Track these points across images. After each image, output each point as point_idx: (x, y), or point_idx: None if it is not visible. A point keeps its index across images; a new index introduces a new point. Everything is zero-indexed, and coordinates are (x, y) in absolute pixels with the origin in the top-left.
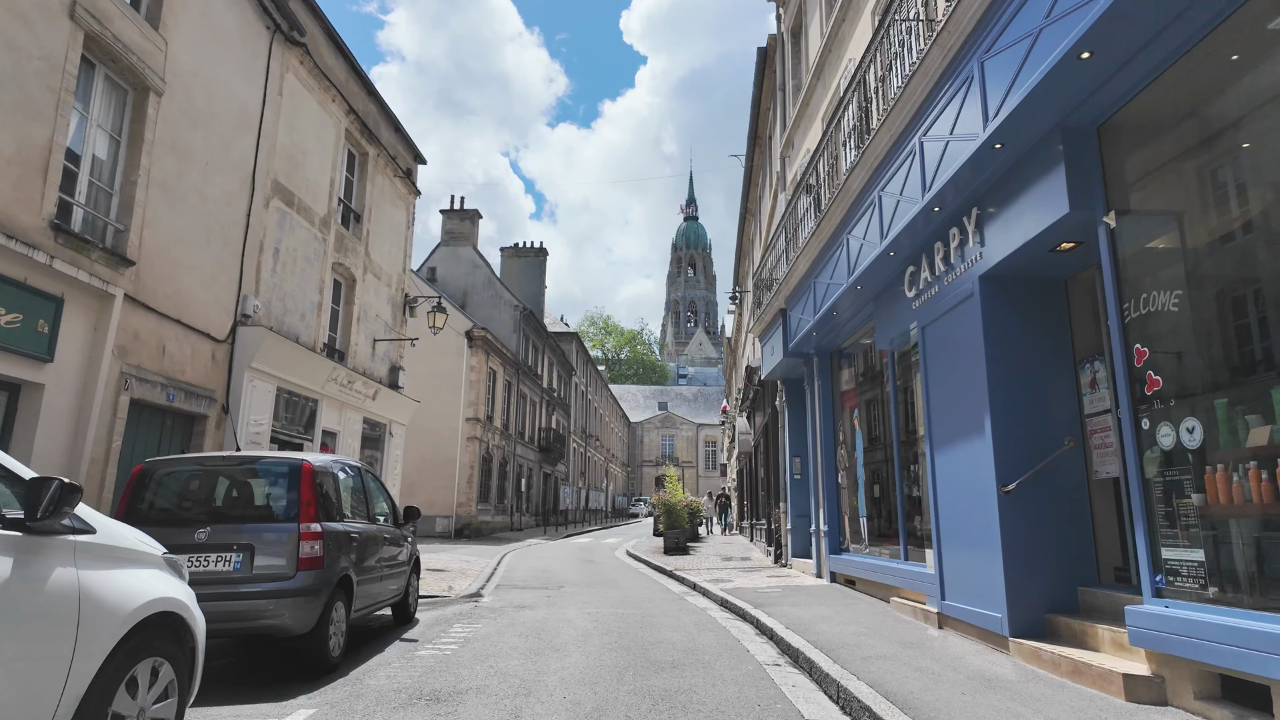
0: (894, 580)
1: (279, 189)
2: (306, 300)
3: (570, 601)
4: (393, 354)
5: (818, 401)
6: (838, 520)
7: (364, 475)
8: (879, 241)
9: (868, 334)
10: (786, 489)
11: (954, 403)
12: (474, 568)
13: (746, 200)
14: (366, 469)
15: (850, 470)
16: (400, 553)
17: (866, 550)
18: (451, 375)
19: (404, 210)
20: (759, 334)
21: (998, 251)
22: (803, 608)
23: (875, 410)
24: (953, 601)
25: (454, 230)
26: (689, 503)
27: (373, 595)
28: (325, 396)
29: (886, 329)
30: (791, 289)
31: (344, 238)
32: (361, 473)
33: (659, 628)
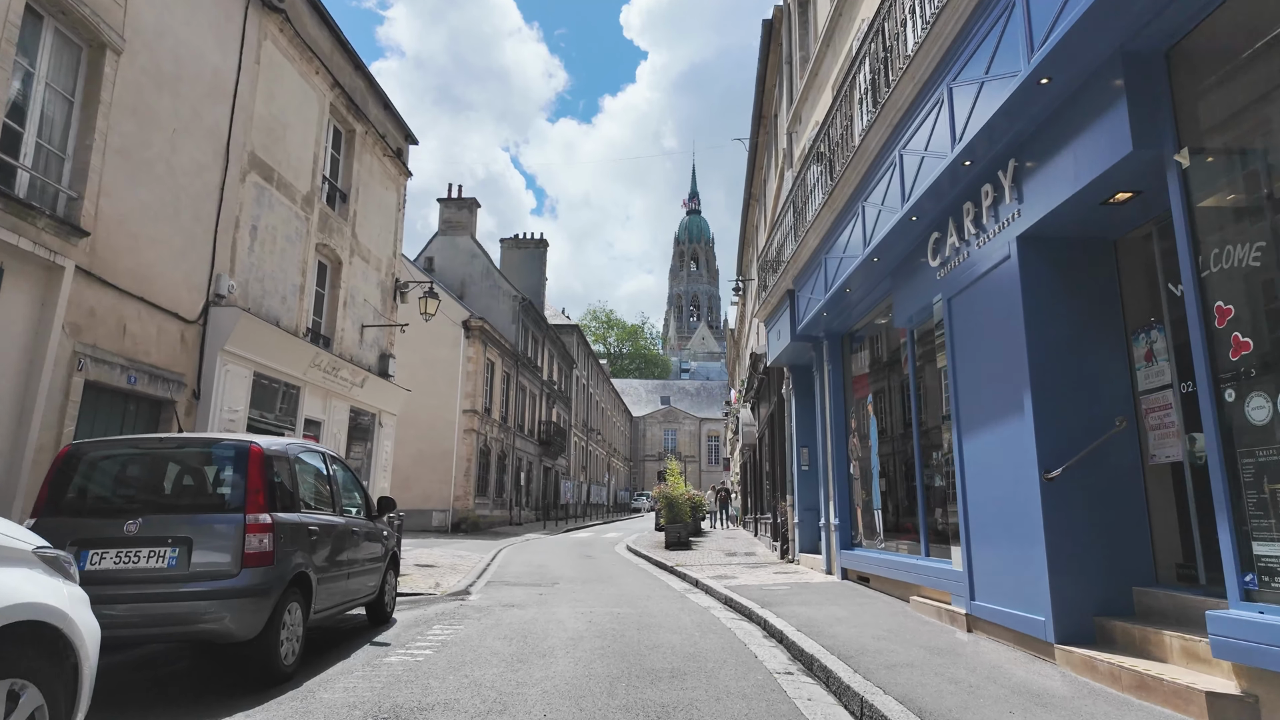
0: (914, 578)
1: (256, 163)
2: (287, 282)
3: (563, 600)
4: (383, 341)
5: (828, 388)
6: (849, 513)
7: (330, 462)
8: (899, 206)
9: (883, 313)
10: (793, 481)
11: (987, 381)
12: (466, 563)
13: (750, 185)
14: (334, 456)
15: (863, 460)
16: (374, 548)
17: (882, 545)
18: (448, 366)
19: (394, 192)
20: (764, 318)
21: (1039, 208)
22: (814, 607)
23: (892, 395)
24: (984, 602)
25: (452, 219)
26: (691, 496)
27: (339, 595)
28: (308, 383)
29: (905, 305)
30: (800, 268)
31: (329, 218)
32: (327, 459)
33: (657, 629)
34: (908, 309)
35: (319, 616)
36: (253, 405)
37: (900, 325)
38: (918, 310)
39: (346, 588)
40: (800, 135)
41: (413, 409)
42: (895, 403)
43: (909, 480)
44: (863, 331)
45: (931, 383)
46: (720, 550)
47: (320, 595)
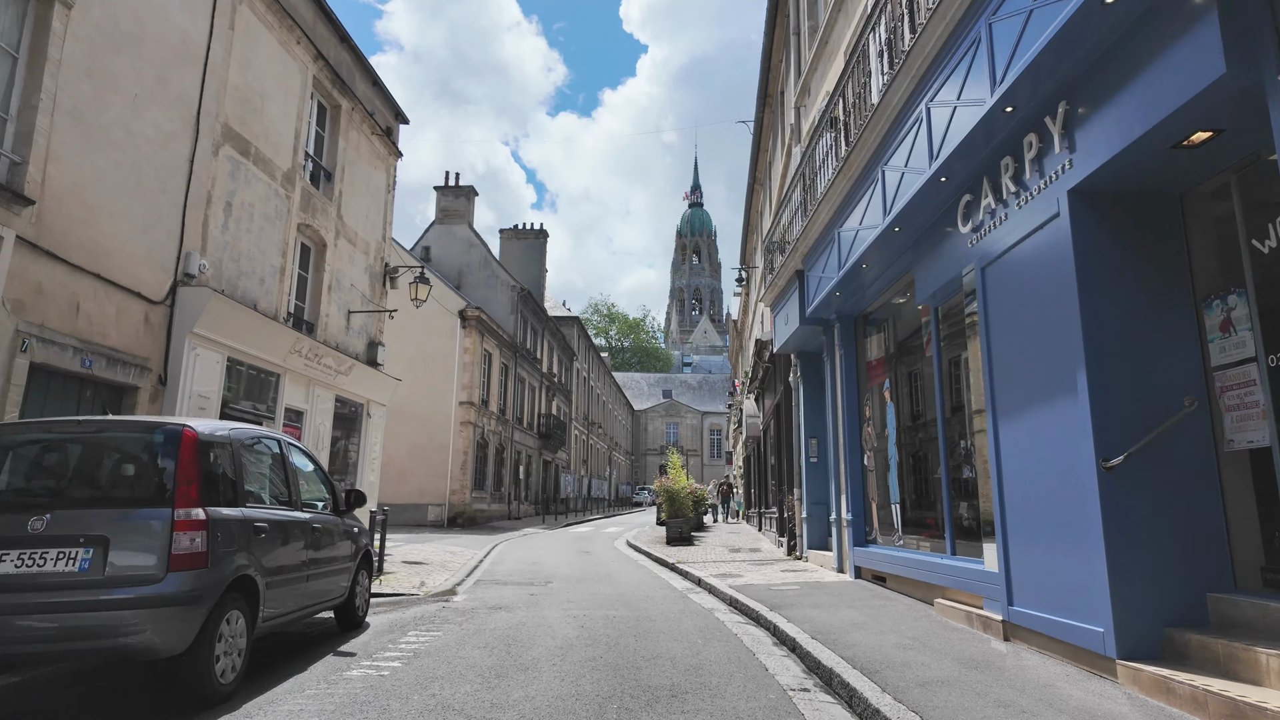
0: (938, 578)
1: (231, 135)
2: (266, 263)
3: (555, 601)
4: (371, 328)
5: (840, 374)
6: (864, 508)
7: (287, 450)
8: (926, 167)
9: (901, 291)
10: (801, 474)
11: (1030, 359)
12: (457, 560)
13: (754, 169)
14: (293, 444)
15: (880, 451)
16: (341, 546)
17: (900, 542)
18: (444, 357)
19: (383, 172)
20: (771, 302)
21: (1095, 157)
22: (828, 610)
23: (912, 380)
24: (1025, 608)
25: (449, 207)
26: (693, 490)
27: (295, 599)
28: (289, 370)
29: (930, 279)
30: (810, 245)
31: (312, 197)
32: (284, 446)
33: (657, 636)
34: (932, 284)
35: (270, 625)
36: (227, 392)
37: (923, 303)
38: (944, 284)
39: (306, 591)
40: (809, 108)
41: (408, 401)
42: (915, 388)
43: (931, 472)
44: (878, 313)
45: (958, 365)
46: (724, 546)
47: (270, 601)
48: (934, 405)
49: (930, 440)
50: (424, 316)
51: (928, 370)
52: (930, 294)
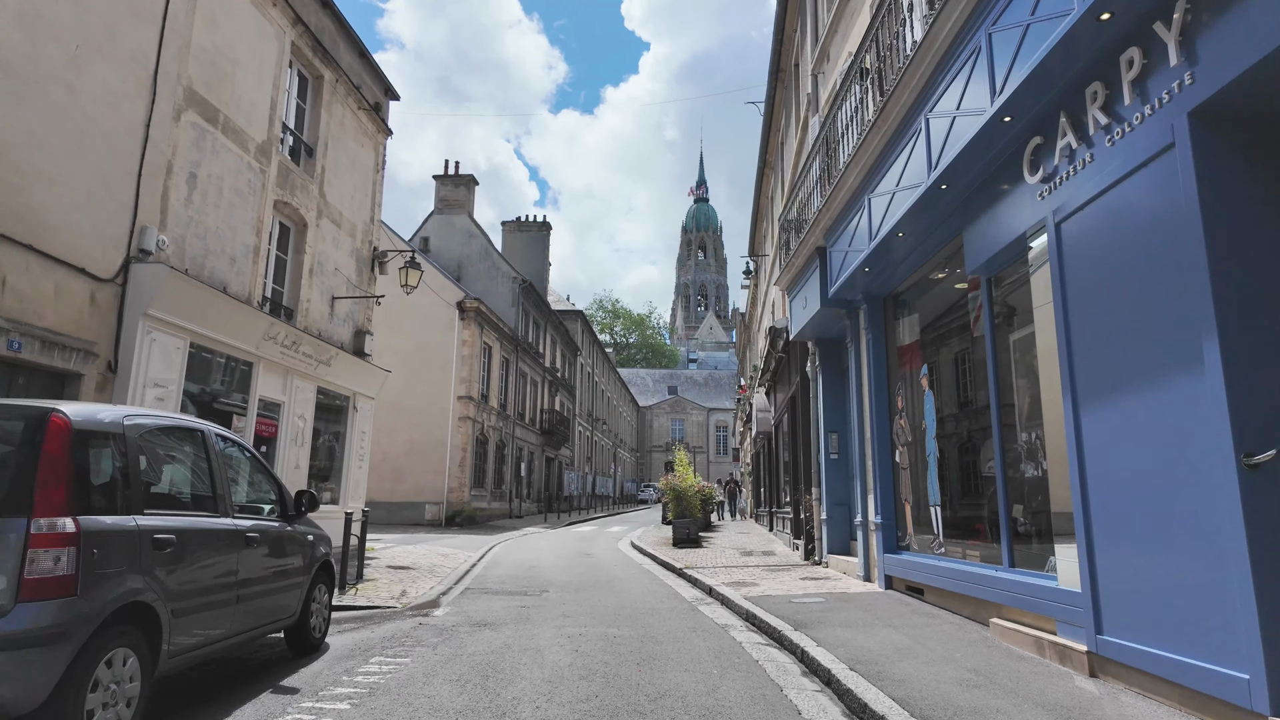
0: (994, 595)
1: (195, 100)
2: (238, 242)
3: (549, 616)
4: (358, 316)
5: (867, 361)
6: (895, 510)
7: (215, 443)
8: (985, 106)
9: (942, 264)
10: (820, 471)
11: (1127, 330)
12: (448, 564)
13: (765, 151)
14: (224, 434)
15: (915, 446)
16: (289, 559)
17: (941, 550)
18: (441, 350)
19: (371, 150)
20: (787, 285)
21: (1226, 68)
22: (863, 630)
23: (956, 365)
24: (1120, 638)
25: (448, 197)
26: (701, 488)
27: (220, 626)
28: (263, 359)
29: (983, 244)
30: (834, 217)
31: (291, 173)
32: (209, 439)
33: (664, 664)
34: (985, 249)
35: (182, 660)
36: (191, 381)
37: (973, 273)
38: (1001, 249)
39: (238, 614)
40: (828, 75)
41: (404, 396)
42: (960, 373)
43: (981, 469)
44: (911, 291)
45: (1017, 345)
46: (734, 549)
47: (180, 631)
48: (986, 391)
49: (981, 432)
50: (420, 307)
51: (977, 352)
52: (983, 262)
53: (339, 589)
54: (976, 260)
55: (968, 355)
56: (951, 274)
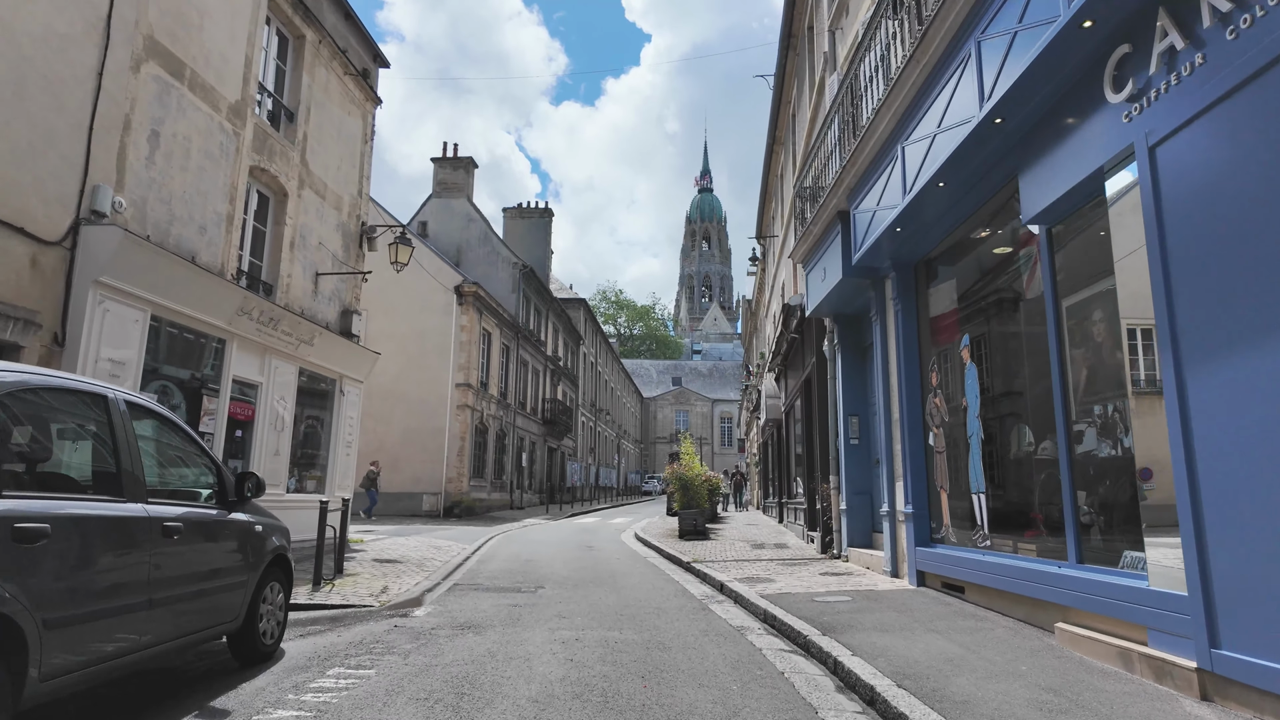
0: (1058, 595)
1: (158, 51)
2: (208, 209)
3: (543, 617)
4: (345, 295)
5: (895, 335)
6: (928, 498)
7: (118, 410)
8: (1057, 13)
9: (987, 219)
10: (839, 458)
11: (1250, 272)
12: (440, 557)
13: (774, 127)
14: (137, 401)
15: (953, 427)
16: (227, 552)
17: (985, 543)
18: (439, 335)
19: (359, 119)
20: (803, 256)
21: None
22: (902, 636)
23: (1004, 334)
24: (1243, 653)
25: (446, 180)
26: (708, 478)
27: (127, 637)
28: (237, 336)
29: (1045, 186)
30: (859, 173)
31: (269, 138)
32: (114, 406)
33: (673, 677)
34: (1049, 192)
35: (68, 683)
36: (152, 357)
37: (1031, 223)
38: (1068, 190)
39: (151, 622)
40: (848, 29)
41: (400, 383)
42: (1008, 344)
43: (1037, 450)
44: (946, 256)
45: (1081, 305)
46: (744, 541)
47: (60, 647)
48: (1043, 361)
49: (1036, 408)
50: (417, 292)
51: (1032, 317)
52: (1043, 209)
53: (313, 585)
54: (1035, 207)
55: (1019, 322)
56: (996, 232)
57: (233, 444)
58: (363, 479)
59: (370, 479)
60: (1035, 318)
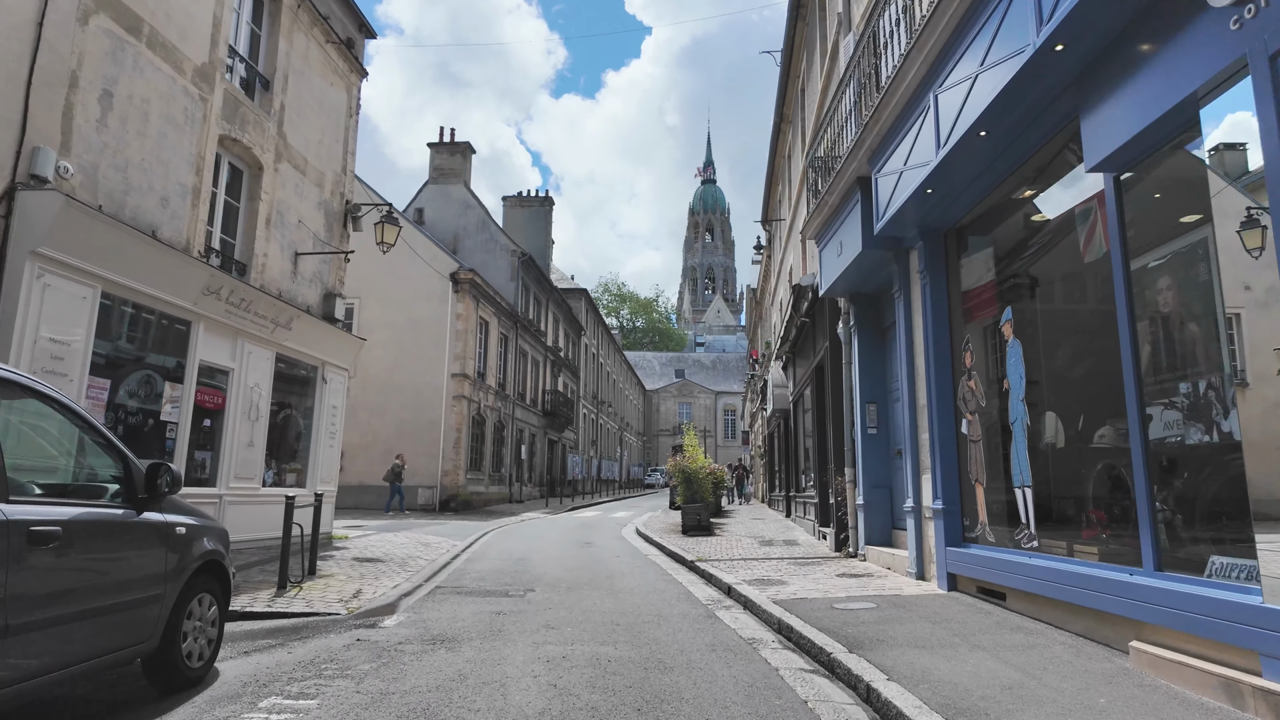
0: (1131, 608)
1: (110, 3)
2: (171, 180)
3: (527, 628)
4: (328, 277)
5: (924, 311)
6: (960, 493)
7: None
8: None
9: (1033, 176)
10: (855, 449)
11: None
12: (427, 555)
13: (781, 104)
14: (13, 376)
15: (992, 412)
16: (135, 559)
17: (1031, 543)
18: (434, 324)
19: (343, 91)
20: (815, 232)
21: None
22: (943, 654)
23: (1053, 309)
24: None
25: (443, 166)
26: (713, 470)
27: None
28: (205, 317)
29: (1118, 123)
30: (883, 131)
31: (241, 106)
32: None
33: (676, 709)
34: (1120, 131)
35: None
36: (105, 338)
37: (1096, 169)
38: (1148, 125)
39: (9, 654)
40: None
41: (395, 373)
42: (1058, 317)
43: (1094, 438)
44: (981, 221)
45: (1157, 268)
46: (751, 537)
47: None
48: (1108, 334)
49: (1099, 387)
50: (411, 279)
51: (1093, 283)
52: (1113, 151)
53: (278, 588)
54: (1101, 151)
55: (1073, 292)
56: (1044, 188)
57: (200, 434)
58: (387, 472)
59: (395, 472)
60: (1094, 286)
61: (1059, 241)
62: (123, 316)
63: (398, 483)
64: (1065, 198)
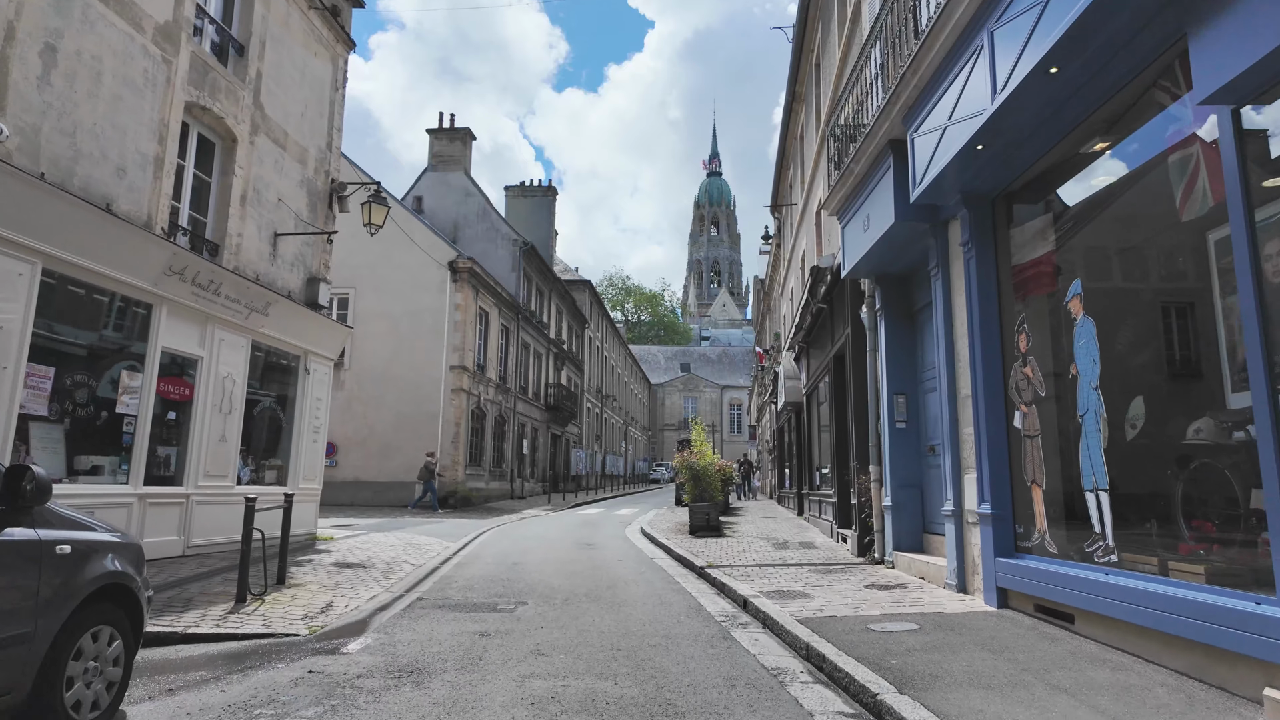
0: (1264, 648)
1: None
2: (129, 148)
3: (513, 655)
4: (312, 261)
5: (968, 289)
6: (1012, 495)
7: None
8: None
9: (1112, 121)
10: (882, 445)
11: None
12: (415, 558)
13: (793, 82)
14: None
15: (1054, 403)
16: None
17: (1109, 557)
18: (432, 315)
19: (328, 63)
20: (838, 207)
21: None
22: (1015, 697)
23: (1132, 285)
24: None
25: (442, 153)
26: (722, 467)
27: None
28: (168, 300)
29: (1242, 43)
30: (922, 83)
31: (211, 72)
32: None
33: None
34: (1244, 52)
35: None
36: (47, 318)
37: (1209, 101)
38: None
39: None
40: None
41: (392, 365)
42: (1140, 293)
43: (1181, 432)
44: (1036, 184)
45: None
46: (764, 538)
47: None
48: (1205, 300)
49: (1197, 373)
50: (409, 269)
51: (1187, 249)
52: (1234, 77)
53: (236, 602)
54: (1218, 79)
55: (1162, 259)
56: (1124, 138)
57: (164, 428)
58: (421, 470)
59: (429, 469)
60: (1190, 249)
61: (1143, 199)
62: (71, 297)
63: (431, 480)
64: (1152, 146)
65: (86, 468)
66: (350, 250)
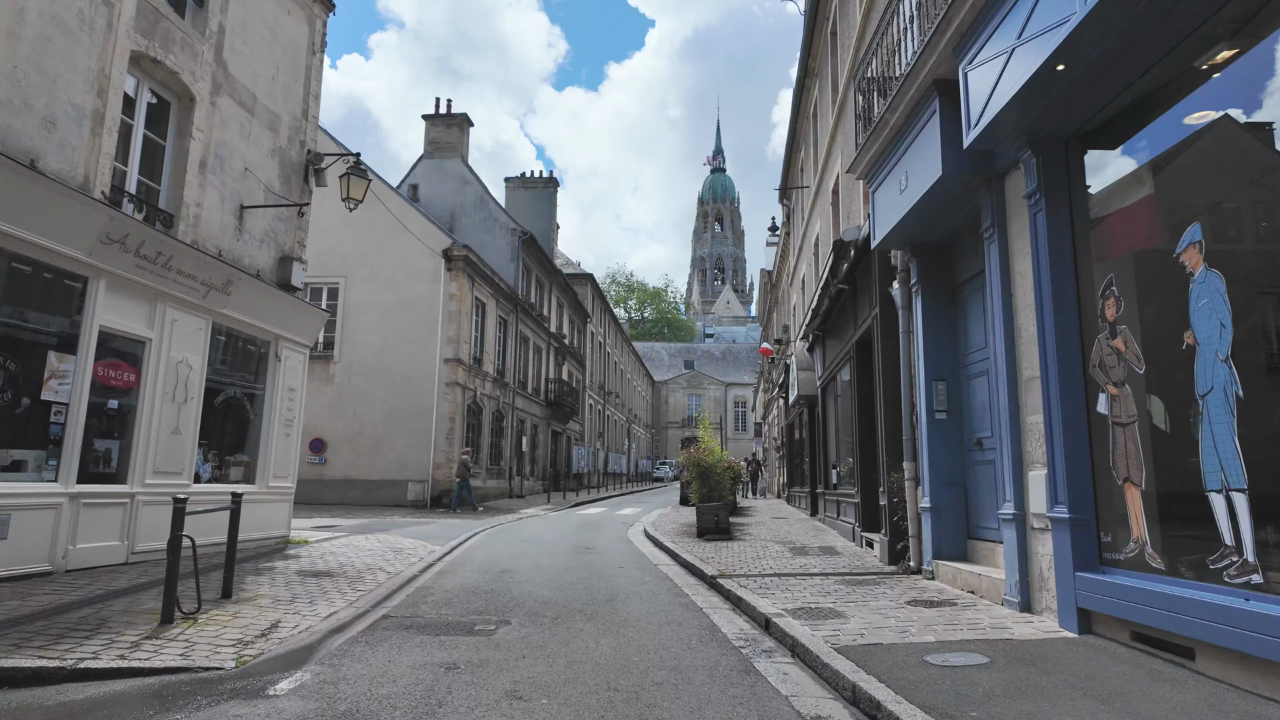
0: None
1: None
2: (59, 98)
3: (487, 695)
4: (284, 238)
5: (1034, 250)
6: (1095, 497)
7: None
8: None
9: (1235, 27)
10: (920, 438)
11: None
12: (393, 565)
13: (806, 58)
14: None
15: (1158, 382)
16: None
17: (1244, 577)
18: (426, 305)
19: (303, 23)
20: (866, 169)
21: None
22: None
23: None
24: None
25: (439, 139)
26: (731, 464)
27: None
28: (106, 273)
29: None
30: (980, 2)
31: (163, 20)
32: None
33: None
34: None
35: None
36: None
37: None
38: None
39: None
40: None
41: (383, 357)
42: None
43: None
44: (1124, 117)
45: None
46: (778, 542)
47: None
48: None
49: None
50: (401, 257)
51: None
52: None
53: (162, 620)
54: None
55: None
56: (1249, 49)
57: (103, 418)
58: (458, 467)
59: (465, 466)
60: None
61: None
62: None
63: (468, 479)
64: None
65: (6, 463)
66: (341, 238)
